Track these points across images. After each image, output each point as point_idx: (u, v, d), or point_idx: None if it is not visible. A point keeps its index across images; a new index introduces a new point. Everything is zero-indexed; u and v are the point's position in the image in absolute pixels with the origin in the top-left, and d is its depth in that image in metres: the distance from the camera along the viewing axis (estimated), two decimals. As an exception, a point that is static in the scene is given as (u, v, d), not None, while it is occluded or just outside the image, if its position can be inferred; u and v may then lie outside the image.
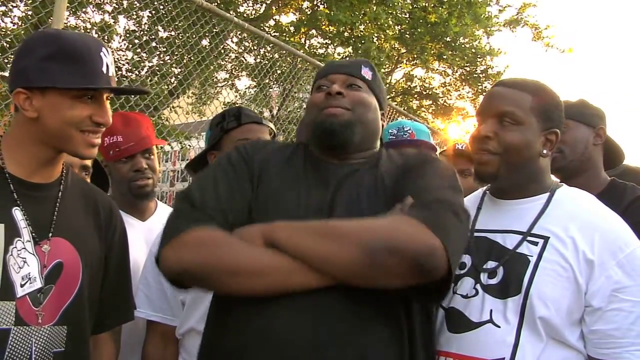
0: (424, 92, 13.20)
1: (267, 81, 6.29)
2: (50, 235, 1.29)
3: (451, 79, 12.84)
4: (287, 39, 9.32)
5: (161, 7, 4.51)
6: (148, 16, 7.44)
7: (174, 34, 5.78)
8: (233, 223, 1.17)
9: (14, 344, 1.20)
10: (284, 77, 5.81)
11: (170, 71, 6.67)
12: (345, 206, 1.21)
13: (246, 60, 8.72)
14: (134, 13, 7.63)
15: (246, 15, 9.99)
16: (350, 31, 9.99)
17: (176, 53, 6.39)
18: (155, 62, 7.10)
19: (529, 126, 1.35)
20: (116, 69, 1.27)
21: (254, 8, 10.47)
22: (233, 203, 1.22)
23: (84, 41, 1.27)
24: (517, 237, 1.32)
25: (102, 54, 1.27)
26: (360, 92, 1.35)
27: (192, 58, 5.03)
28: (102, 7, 8.22)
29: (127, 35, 8.20)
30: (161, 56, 7.06)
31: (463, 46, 11.29)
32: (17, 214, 1.25)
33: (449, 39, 10.77)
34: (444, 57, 11.19)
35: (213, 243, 1.12)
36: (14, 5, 7.83)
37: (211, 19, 4.36)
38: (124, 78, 6.80)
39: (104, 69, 1.27)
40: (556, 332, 1.24)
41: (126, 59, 7.58)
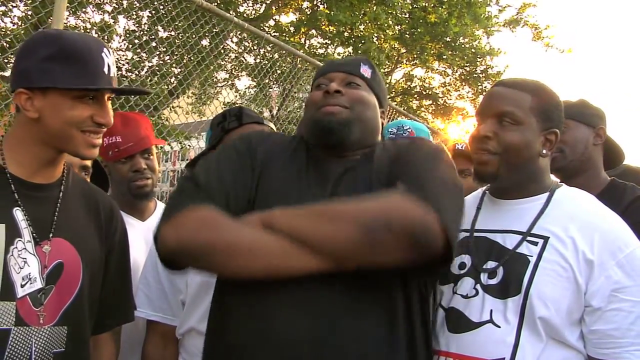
0: (424, 92, 13.19)
1: (267, 81, 6.29)
2: (50, 235, 1.29)
3: (451, 79, 12.83)
4: (287, 39, 9.31)
5: (161, 7, 4.51)
6: (148, 16, 7.43)
7: (174, 34, 5.78)
8: (234, 210, 1.16)
9: (14, 344, 1.19)
10: (284, 77, 5.80)
11: (170, 71, 6.67)
12: None
13: (246, 60, 8.73)
14: (134, 13, 7.62)
15: (246, 15, 9.98)
16: (350, 31, 9.98)
17: (176, 53, 6.39)
18: (155, 62, 7.09)
19: (529, 126, 1.35)
20: (116, 69, 1.27)
21: (254, 8, 10.46)
22: (235, 189, 1.22)
23: (85, 41, 1.27)
24: (517, 237, 1.33)
25: (104, 55, 1.27)
26: (358, 91, 1.35)
27: (192, 58, 5.03)
28: (102, 7, 8.22)
29: (127, 35, 8.19)
30: (161, 56, 7.05)
31: (463, 46, 11.28)
32: (18, 214, 1.25)
33: (449, 39, 10.76)
34: (444, 57, 11.19)
35: (214, 222, 1.12)
36: (14, 5, 7.84)
37: (211, 19, 4.36)
38: (124, 78, 6.79)
39: (105, 70, 1.27)
40: (556, 332, 1.24)
41: (126, 59, 7.57)
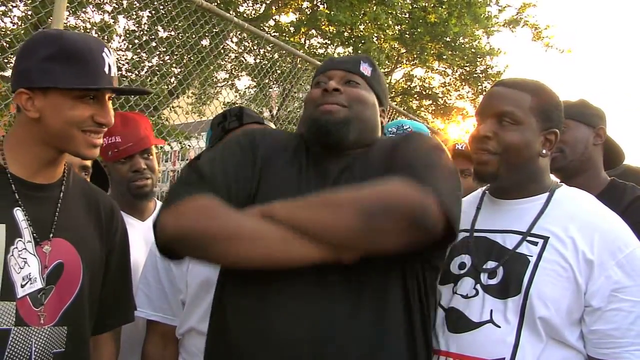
0: (424, 92, 13.19)
1: (267, 81, 6.29)
2: (51, 235, 1.29)
3: (451, 79, 12.84)
4: (287, 39, 9.32)
5: (161, 7, 4.51)
6: (148, 16, 7.43)
7: (174, 34, 5.78)
8: (235, 203, 1.16)
9: (14, 345, 1.19)
10: (284, 77, 5.80)
11: (170, 71, 6.67)
12: None
13: (246, 60, 8.73)
14: (134, 13, 7.62)
15: (246, 15, 9.98)
16: (350, 31, 9.98)
17: (176, 53, 6.40)
18: (155, 62, 7.09)
19: (529, 126, 1.35)
20: (116, 69, 1.27)
21: (254, 8, 10.46)
22: (238, 183, 1.23)
23: (86, 41, 1.27)
24: (517, 237, 1.33)
25: (104, 54, 1.28)
26: (357, 89, 1.34)
27: (192, 58, 5.03)
28: (102, 7, 8.22)
29: (127, 35, 8.19)
30: (161, 56, 7.06)
31: (463, 46, 11.29)
32: (19, 215, 1.25)
33: (449, 39, 10.76)
34: (444, 57, 11.19)
35: (214, 210, 1.12)
36: (14, 5, 7.84)
37: (211, 19, 4.36)
38: (124, 78, 6.79)
39: (106, 69, 1.27)
40: (556, 332, 1.24)
41: (126, 59, 7.57)
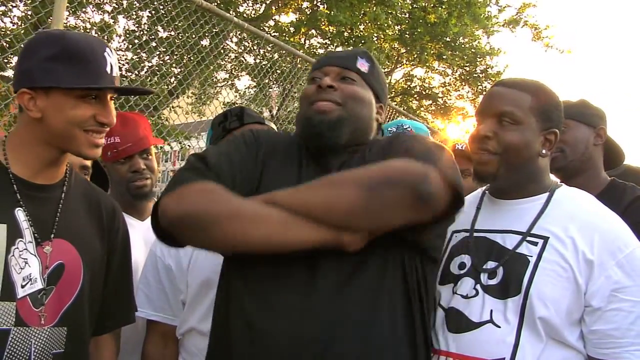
0: (424, 92, 13.19)
1: (267, 81, 6.29)
2: (52, 236, 1.29)
3: (451, 79, 12.84)
4: (287, 39, 9.32)
5: (161, 7, 4.51)
6: (148, 16, 7.43)
7: (174, 34, 5.78)
8: (239, 194, 1.16)
9: (13, 345, 1.19)
10: (284, 77, 5.80)
11: (170, 71, 6.67)
12: None
13: (246, 60, 8.73)
14: (134, 13, 7.62)
15: (246, 15, 9.98)
16: (350, 31, 9.98)
17: (176, 53, 6.40)
18: (155, 62, 7.09)
19: (528, 126, 1.35)
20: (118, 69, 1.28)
21: (254, 8, 10.46)
22: (242, 175, 1.23)
23: (88, 41, 1.27)
24: (517, 237, 1.33)
25: (106, 54, 1.28)
26: (353, 86, 1.31)
27: (192, 58, 5.03)
28: (102, 7, 8.22)
29: (127, 35, 8.19)
30: (161, 56, 7.05)
31: (463, 46, 11.29)
32: (20, 215, 1.25)
33: (449, 39, 10.76)
34: (444, 57, 11.19)
35: (215, 194, 1.12)
36: (14, 5, 7.84)
37: (211, 19, 4.36)
38: (124, 78, 6.79)
39: (108, 69, 1.27)
40: (556, 332, 1.25)
41: (126, 59, 7.57)
